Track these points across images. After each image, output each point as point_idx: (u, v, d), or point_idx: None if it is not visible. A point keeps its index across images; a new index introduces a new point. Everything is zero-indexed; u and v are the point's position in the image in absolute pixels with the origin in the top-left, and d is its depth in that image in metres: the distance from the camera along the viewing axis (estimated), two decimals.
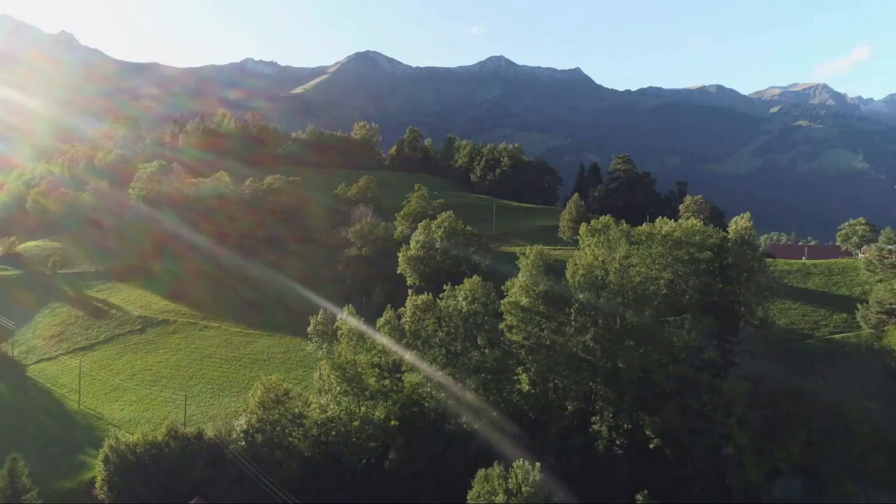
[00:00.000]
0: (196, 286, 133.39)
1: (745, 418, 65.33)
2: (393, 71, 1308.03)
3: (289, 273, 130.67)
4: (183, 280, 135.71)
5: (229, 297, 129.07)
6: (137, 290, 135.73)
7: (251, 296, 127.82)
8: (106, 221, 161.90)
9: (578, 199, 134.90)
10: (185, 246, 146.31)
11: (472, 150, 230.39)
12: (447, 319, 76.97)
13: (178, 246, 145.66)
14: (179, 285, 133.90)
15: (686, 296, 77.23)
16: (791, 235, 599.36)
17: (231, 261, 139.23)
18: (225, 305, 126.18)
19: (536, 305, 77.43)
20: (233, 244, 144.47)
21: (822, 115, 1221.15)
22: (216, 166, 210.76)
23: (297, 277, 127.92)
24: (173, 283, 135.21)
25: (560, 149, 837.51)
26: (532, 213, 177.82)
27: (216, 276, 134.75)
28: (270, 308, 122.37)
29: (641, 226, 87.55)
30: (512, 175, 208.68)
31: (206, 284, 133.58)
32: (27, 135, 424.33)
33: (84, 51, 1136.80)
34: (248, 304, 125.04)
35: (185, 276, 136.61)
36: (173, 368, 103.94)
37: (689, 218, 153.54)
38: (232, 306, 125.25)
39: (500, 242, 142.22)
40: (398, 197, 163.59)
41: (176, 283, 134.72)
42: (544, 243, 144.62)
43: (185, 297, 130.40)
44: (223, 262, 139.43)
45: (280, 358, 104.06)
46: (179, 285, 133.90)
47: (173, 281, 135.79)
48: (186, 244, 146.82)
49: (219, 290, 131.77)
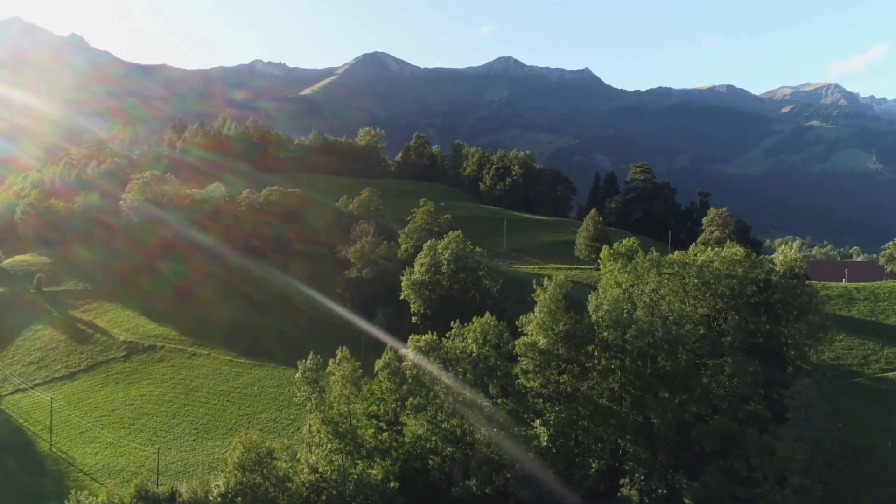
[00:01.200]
0: (187, 306, 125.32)
1: (803, 488, 55.85)
2: (401, 72, 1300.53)
3: (287, 296, 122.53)
4: (174, 300, 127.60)
5: (222, 317, 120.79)
6: (125, 311, 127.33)
7: (244, 317, 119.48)
8: (96, 234, 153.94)
9: (596, 215, 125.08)
10: (177, 261, 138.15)
11: (481, 157, 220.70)
12: (454, 363, 67.87)
13: (170, 262, 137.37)
14: (170, 305, 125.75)
15: (728, 337, 67.57)
16: (806, 240, 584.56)
17: (224, 280, 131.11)
18: (216, 328, 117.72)
19: (556, 347, 68.15)
20: (229, 259, 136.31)
21: (835, 115, 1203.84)
22: (222, 167, 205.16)
23: (295, 302, 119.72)
24: (163, 302, 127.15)
25: (569, 149, 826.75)
26: (545, 227, 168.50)
27: (207, 298, 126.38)
28: (264, 333, 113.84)
29: (672, 254, 77.83)
30: (523, 184, 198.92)
31: (198, 304, 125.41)
32: (35, 135, 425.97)
33: (93, 53, 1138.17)
34: (241, 326, 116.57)
35: (175, 296, 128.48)
36: (156, 403, 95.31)
37: (714, 232, 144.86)
38: (223, 330, 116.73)
39: (511, 260, 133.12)
40: (404, 207, 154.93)
41: (166, 303, 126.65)
42: (559, 261, 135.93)
43: (175, 318, 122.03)
44: (216, 280, 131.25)
45: (271, 393, 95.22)
46: (170, 305, 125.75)
47: (163, 300, 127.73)
48: (178, 258, 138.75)
49: (210, 309, 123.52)
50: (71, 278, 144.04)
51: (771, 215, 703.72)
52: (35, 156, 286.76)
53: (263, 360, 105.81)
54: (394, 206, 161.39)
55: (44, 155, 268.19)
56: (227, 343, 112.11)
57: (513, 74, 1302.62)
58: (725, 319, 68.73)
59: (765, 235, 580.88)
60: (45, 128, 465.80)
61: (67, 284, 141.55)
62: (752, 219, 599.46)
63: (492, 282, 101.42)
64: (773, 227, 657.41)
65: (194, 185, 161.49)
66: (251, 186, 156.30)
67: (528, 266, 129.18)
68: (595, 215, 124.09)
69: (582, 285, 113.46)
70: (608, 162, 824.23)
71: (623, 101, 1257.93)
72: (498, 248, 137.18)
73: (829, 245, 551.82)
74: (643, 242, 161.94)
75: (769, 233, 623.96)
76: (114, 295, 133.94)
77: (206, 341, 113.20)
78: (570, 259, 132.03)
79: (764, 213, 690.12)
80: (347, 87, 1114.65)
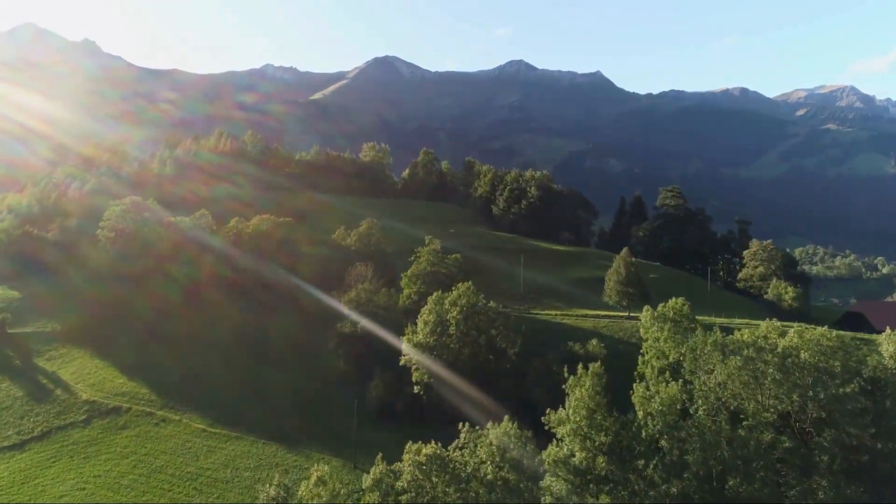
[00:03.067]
0: (161, 353, 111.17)
1: None
2: (412, 76, 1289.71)
3: (273, 348, 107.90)
4: (148, 346, 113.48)
5: (200, 369, 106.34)
6: (93, 360, 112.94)
7: (224, 374, 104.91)
8: (70, 266, 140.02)
9: (628, 256, 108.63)
10: (158, 300, 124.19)
11: (494, 177, 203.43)
12: (464, 482, 52.54)
13: (145, 302, 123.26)
14: (142, 355, 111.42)
15: (822, 456, 51.60)
16: (829, 248, 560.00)
17: (206, 324, 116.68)
18: (191, 384, 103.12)
19: (597, 465, 52.60)
20: (209, 300, 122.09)
21: (851, 117, 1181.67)
22: (231, 170, 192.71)
23: (282, 356, 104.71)
24: (136, 350, 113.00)
25: (581, 154, 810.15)
26: (567, 260, 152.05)
27: (185, 347, 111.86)
28: (246, 395, 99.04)
29: (741, 333, 61.84)
30: (541, 208, 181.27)
31: (172, 353, 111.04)
32: (47, 138, 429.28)
33: (105, 57, 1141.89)
34: (220, 386, 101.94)
35: (150, 339, 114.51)
36: (111, 489, 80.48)
37: (758, 267, 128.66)
38: (200, 387, 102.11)
39: (530, 303, 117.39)
40: (409, 235, 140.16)
41: (138, 351, 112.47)
42: (584, 303, 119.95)
43: (147, 369, 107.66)
44: (195, 326, 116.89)
45: (246, 479, 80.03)
46: (142, 355, 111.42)
47: (136, 346, 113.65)
48: (159, 298, 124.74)
49: (187, 360, 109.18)
50: (40, 318, 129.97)
51: (788, 220, 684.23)
52: (47, 158, 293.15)
53: (241, 429, 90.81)
54: (398, 234, 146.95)
55: (55, 157, 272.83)
56: (201, 405, 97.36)
57: (524, 78, 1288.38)
58: (818, 431, 52.83)
59: (782, 242, 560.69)
60: (54, 130, 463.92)
61: (35, 325, 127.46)
62: (768, 224, 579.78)
63: (509, 343, 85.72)
64: (791, 233, 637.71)
65: (203, 187, 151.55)
66: (260, 190, 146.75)
67: (550, 311, 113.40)
68: (627, 256, 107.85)
69: (614, 340, 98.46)
70: (621, 166, 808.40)
71: (636, 104, 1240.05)
72: (514, 289, 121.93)
73: (853, 255, 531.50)
74: (674, 276, 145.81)
75: (787, 239, 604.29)
76: (84, 337, 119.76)
77: (177, 402, 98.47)
78: (597, 301, 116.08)
79: (780, 218, 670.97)
80: (358, 91, 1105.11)
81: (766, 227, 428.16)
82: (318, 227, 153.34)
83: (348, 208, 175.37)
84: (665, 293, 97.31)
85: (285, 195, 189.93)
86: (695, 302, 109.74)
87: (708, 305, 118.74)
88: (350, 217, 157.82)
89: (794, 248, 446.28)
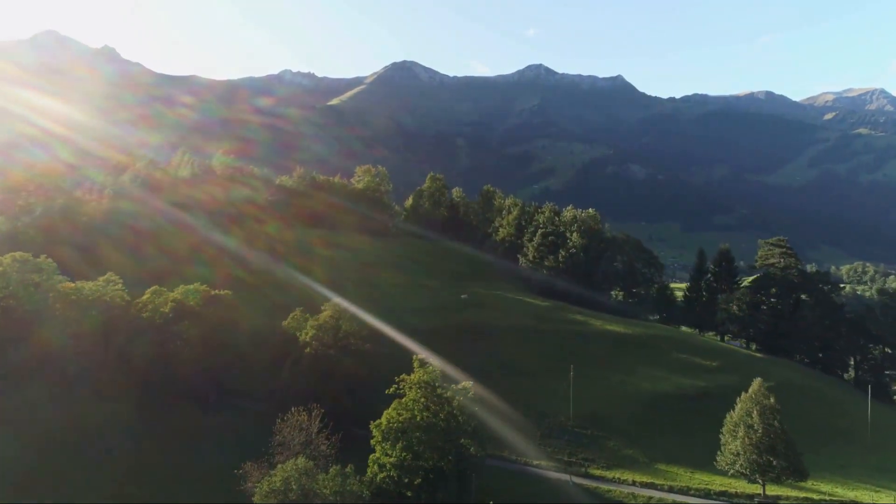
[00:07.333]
0: None
1: None
2: (430, 81, 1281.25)
3: None
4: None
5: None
6: None
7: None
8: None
9: (763, 395, 64.28)
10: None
11: (521, 214, 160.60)
12: None
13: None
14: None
15: None
16: (879, 266, 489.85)
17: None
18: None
19: None
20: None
21: (882, 121, 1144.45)
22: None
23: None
24: None
25: (603, 160, 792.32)
26: (630, 346, 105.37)
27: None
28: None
29: None
30: (585, 261, 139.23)
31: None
32: (68, 143, 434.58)
33: (125, 63, 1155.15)
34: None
35: None
36: None
37: None
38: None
39: (588, 451, 75.67)
40: (403, 304, 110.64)
41: None
42: (678, 457, 74.68)
43: None
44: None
45: None
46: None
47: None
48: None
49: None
50: None
51: (819, 229, 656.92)
52: (68, 162, 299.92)
53: None
54: (388, 301, 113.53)
55: (76, 160, 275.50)
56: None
57: (544, 82, 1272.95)
58: None
59: (815, 252, 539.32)
60: (75, 135, 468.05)
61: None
62: (798, 233, 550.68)
63: None
64: (823, 243, 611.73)
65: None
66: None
67: (620, 473, 71.87)
68: (762, 394, 64.24)
69: None
70: (644, 172, 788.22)
71: (658, 108, 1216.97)
72: (559, 410, 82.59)
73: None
74: (792, 379, 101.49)
75: (819, 249, 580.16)
76: None
77: None
78: (708, 463, 70.06)
79: (812, 227, 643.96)
80: (375, 96, 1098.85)
81: (798, 236, 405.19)
82: (275, 292, 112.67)
83: (328, 253, 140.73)
84: (788, 406, 69.54)
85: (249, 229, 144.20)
86: (840, 433, 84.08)
87: (866, 442, 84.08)
88: (328, 269, 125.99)
89: (840, 265, 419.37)
